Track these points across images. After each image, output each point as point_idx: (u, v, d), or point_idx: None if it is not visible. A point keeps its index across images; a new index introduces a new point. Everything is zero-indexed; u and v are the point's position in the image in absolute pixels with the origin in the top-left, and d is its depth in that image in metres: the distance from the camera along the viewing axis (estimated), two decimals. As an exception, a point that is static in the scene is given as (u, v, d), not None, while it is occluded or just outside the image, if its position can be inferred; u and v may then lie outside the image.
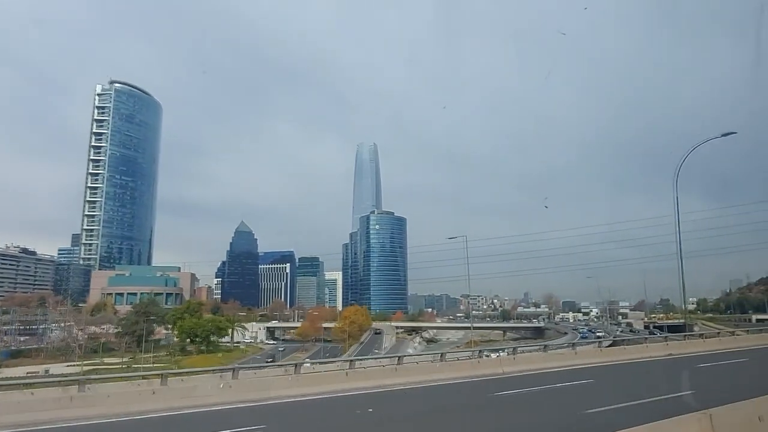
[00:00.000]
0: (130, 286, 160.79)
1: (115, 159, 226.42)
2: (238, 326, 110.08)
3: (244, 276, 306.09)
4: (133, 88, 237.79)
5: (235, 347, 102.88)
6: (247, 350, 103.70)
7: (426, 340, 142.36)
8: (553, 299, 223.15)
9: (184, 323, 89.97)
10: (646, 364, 26.09)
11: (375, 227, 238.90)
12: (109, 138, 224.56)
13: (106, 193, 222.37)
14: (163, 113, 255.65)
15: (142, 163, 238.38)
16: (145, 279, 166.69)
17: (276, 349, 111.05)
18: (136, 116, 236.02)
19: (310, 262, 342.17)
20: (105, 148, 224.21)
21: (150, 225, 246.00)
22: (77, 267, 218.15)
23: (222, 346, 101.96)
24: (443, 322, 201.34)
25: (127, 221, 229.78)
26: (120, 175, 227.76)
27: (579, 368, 24.51)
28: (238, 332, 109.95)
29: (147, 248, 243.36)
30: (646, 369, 24.54)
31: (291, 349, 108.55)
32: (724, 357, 26.50)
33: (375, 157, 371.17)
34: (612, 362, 26.59)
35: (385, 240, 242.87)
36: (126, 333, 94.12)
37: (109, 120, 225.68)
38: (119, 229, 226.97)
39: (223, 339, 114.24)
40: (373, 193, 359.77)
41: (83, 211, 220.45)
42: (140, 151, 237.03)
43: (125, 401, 15.55)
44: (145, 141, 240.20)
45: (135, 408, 15.34)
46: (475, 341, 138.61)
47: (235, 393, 16.80)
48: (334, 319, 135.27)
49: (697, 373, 22.04)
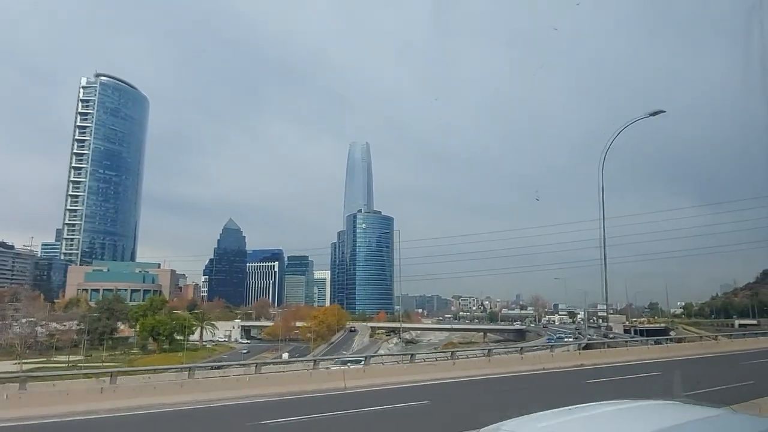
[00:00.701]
0: (106, 283, 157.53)
1: (99, 153, 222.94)
2: (208, 324, 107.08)
3: (232, 274, 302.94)
4: (119, 81, 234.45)
5: (202, 346, 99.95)
6: (215, 349, 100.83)
7: (405, 341, 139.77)
8: (540, 301, 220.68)
9: (146, 321, 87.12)
10: (519, 378, 22.46)
11: (362, 226, 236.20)
12: (93, 132, 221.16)
13: (88, 187, 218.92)
14: (150, 108, 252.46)
15: (127, 158, 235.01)
16: (123, 275, 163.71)
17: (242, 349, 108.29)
18: (121, 110, 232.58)
19: (299, 260, 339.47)
20: (89, 142, 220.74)
21: (134, 221, 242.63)
22: (58, 262, 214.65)
23: (190, 345, 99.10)
24: (432, 323, 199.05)
25: (110, 216, 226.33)
26: (104, 169, 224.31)
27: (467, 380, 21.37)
28: (207, 330, 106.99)
29: (131, 244, 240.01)
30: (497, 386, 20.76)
31: (261, 349, 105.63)
32: (644, 369, 23.27)
33: (367, 156, 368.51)
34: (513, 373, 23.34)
35: (372, 239, 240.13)
36: (88, 330, 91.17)
37: (93, 113, 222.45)
38: (102, 224, 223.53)
39: (196, 337, 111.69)
40: (364, 192, 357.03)
41: (65, 205, 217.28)
42: (125, 146, 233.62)
43: (71, 400, 14.97)
44: (131, 135, 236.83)
45: (81, 408, 14.70)
46: (452, 342, 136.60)
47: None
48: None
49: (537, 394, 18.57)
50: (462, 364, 23.71)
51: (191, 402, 16.15)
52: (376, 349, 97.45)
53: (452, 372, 22.13)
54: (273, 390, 17.60)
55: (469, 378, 21.55)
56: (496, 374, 22.47)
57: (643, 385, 19.74)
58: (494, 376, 22.21)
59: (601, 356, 30.36)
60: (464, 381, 21.06)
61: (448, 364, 23.48)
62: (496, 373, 22.73)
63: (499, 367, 23.56)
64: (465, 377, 21.63)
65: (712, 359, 30.57)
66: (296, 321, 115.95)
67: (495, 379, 21.63)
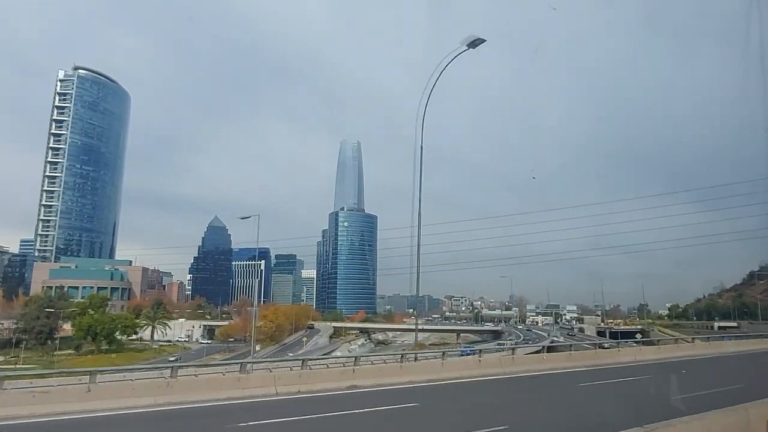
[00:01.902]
0: (71, 280, 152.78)
1: (76, 148, 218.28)
2: (161, 324, 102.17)
3: (216, 272, 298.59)
4: (98, 75, 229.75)
5: (149, 347, 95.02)
6: (164, 350, 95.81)
7: (377, 342, 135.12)
8: (524, 301, 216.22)
9: (83, 320, 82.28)
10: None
11: (344, 224, 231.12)
12: (69, 126, 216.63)
13: (65, 182, 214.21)
14: (132, 103, 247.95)
15: (106, 153, 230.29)
16: (90, 272, 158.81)
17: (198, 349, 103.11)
18: (100, 104, 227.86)
19: (286, 259, 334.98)
20: (65, 136, 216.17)
21: (113, 217, 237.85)
22: (32, 259, 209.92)
23: (139, 346, 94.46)
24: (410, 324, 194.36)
25: (87, 212, 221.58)
26: (80, 164, 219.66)
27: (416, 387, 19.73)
28: (159, 330, 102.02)
29: (110, 241, 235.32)
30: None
31: (218, 350, 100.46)
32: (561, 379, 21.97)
33: (358, 155, 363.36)
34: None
35: (355, 238, 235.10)
36: (25, 329, 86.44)
37: (70, 107, 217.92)
38: (78, 221, 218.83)
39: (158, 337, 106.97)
40: (354, 191, 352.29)
41: (40, 201, 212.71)
42: (104, 141, 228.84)
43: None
44: (110, 130, 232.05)
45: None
46: (422, 344, 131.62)
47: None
48: (287, 317, 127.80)
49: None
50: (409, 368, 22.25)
51: (76, 411, 13.83)
52: (332, 350, 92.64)
53: (403, 377, 20.76)
54: (185, 397, 15.50)
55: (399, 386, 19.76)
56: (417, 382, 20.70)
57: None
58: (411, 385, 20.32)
59: (539, 362, 27.56)
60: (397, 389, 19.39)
61: (394, 368, 22.09)
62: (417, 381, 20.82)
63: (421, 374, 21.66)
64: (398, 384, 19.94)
65: (664, 365, 28.41)
66: (257, 321, 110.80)
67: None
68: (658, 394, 17.49)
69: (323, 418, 14.25)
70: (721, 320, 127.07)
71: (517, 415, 15.21)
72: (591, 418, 14.63)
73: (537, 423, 14.30)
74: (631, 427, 8.16)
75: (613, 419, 12.39)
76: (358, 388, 18.72)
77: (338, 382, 18.75)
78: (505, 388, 21.01)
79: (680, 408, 12.65)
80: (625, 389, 20.79)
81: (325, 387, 18.28)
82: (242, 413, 14.47)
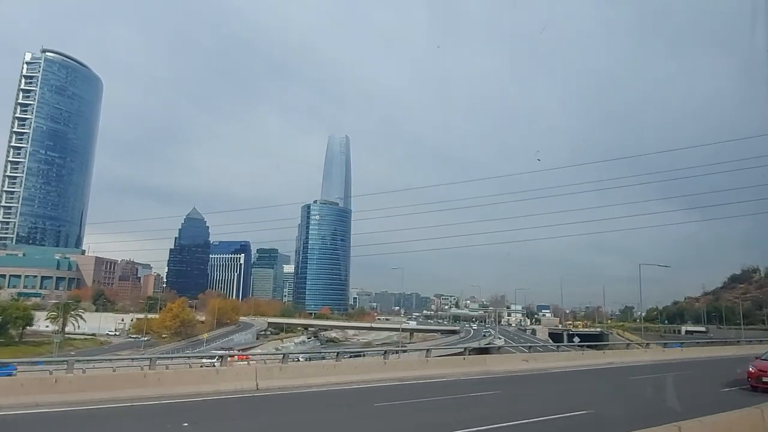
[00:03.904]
0: (13, 268, 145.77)
1: (42, 132, 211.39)
2: (73, 316, 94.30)
3: (193, 265, 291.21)
4: (67, 58, 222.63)
5: (49, 341, 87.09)
6: (71, 344, 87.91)
7: (325, 340, 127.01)
8: (504, 302, 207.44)
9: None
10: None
11: (315, 218, 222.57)
12: (35, 110, 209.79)
13: (28, 168, 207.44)
14: (104, 88, 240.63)
15: (73, 139, 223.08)
16: (35, 261, 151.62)
17: (121, 343, 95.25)
18: (68, 88, 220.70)
19: (268, 253, 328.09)
20: (30, 121, 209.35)
21: (81, 206, 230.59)
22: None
23: (42, 339, 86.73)
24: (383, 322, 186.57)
25: (51, 200, 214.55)
26: (46, 150, 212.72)
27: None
28: (72, 323, 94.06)
29: (77, 230, 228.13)
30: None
31: (125, 347, 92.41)
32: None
33: (346, 149, 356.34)
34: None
35: (327, 232, 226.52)
36: None
37: (36, 90, 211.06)
38: (42, 208, 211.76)
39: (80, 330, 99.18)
40: (341, 186, 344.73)
41: (1, 186, 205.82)
42: (71, 126, 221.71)
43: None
44: (78, 116, 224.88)
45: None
46: (368, 343, 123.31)
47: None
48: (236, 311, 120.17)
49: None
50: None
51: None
52: (250, 347, 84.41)
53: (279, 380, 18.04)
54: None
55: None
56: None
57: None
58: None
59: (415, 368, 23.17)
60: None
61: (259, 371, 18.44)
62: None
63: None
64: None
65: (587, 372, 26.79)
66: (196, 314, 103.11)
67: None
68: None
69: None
70: (694, 324, 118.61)
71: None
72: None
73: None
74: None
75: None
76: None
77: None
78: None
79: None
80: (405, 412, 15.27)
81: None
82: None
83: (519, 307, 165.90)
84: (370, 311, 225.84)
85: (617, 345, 77.08)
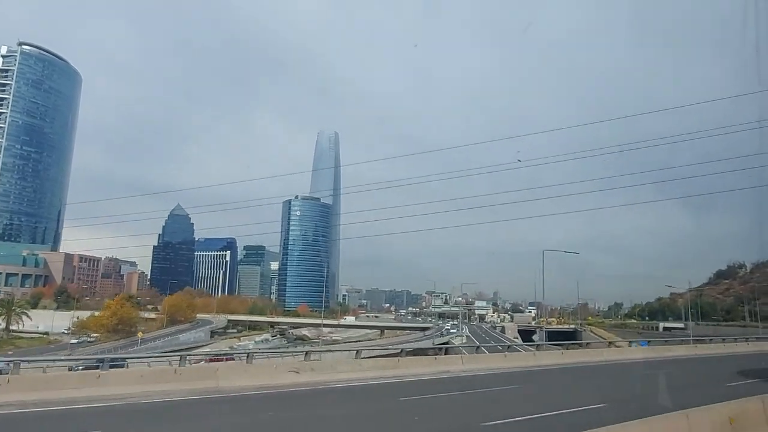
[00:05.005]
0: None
1: (17, 127, 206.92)
2: (19, 313, 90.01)
3: (177, 262, 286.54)
4: (44, 52, 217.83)
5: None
6: (12, 342, 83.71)
7: (293, 338, 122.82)
8: (485, 298, 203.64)
9: None
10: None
11: (296, 213, 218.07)
12: (10, 104, 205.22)
13: (3, 163, 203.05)
14: (83, 83, 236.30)
15: (50, 134, 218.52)
16: (1, 257, 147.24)
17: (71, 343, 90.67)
18: (45, 82, 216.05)
19: (255, 250, 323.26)
20: (5, 115, 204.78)
21: (59, 202, 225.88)
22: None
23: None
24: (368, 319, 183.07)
25: (27, 196, 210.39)
26: (21, 144, 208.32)
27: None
28: (18, 322, 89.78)
29: (54, 226, 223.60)
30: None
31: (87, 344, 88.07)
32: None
33: (336, 146, 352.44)
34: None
35: (308, 228, 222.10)
36: None
37: (11, 84, 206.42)
38: (17, 204, 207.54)
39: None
40: (330, 182, 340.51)
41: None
42: (48, 121, 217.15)
43: None
44: (56, 110, 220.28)
45: None
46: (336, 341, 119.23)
47: None
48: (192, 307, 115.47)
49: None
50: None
51: None
52: (200, 345, 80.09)
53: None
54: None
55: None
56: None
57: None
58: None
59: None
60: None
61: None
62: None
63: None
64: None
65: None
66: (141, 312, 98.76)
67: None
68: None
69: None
70: (674, 320, 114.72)
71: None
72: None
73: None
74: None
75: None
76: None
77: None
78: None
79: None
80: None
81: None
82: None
83: (485, 303, 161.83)
84: (356, 308, 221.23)
85: (582, 344, 72.90)
